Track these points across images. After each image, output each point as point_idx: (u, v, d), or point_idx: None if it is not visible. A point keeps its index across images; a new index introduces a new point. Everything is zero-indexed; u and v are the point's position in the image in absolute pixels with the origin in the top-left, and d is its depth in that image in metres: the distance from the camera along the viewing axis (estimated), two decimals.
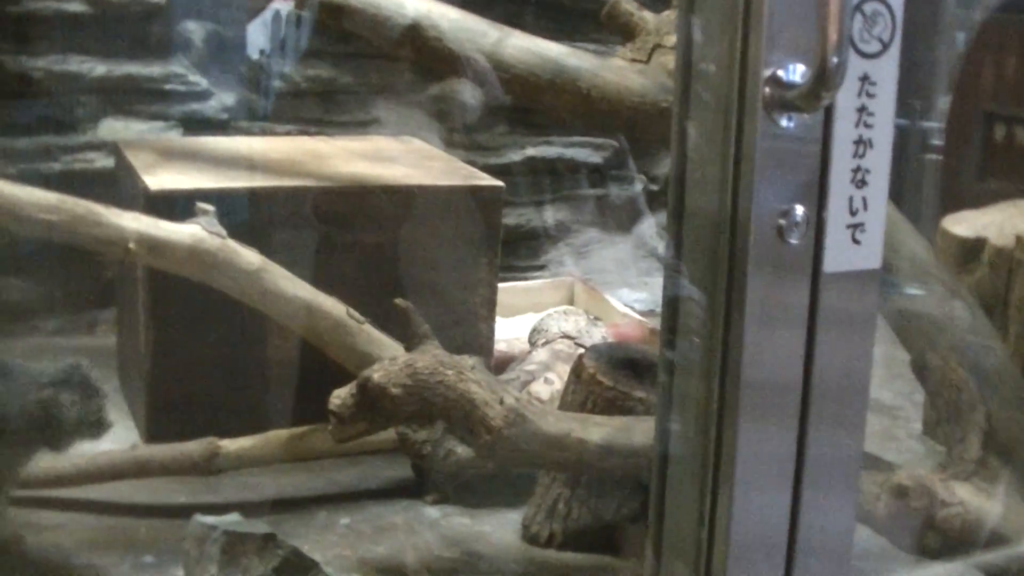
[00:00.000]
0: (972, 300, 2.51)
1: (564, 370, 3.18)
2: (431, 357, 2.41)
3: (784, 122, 1.30)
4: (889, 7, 1.33)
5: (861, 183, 1.37)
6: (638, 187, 4.94)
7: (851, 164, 1.36)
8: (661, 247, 4.86)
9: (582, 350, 3.15)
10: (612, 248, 4.86)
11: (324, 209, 3.09)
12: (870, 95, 1.35)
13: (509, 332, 3.70)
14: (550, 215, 4.73)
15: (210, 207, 2.70)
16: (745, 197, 1.32)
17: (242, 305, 2.77)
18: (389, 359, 2.43)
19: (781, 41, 1.28)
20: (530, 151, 4.69)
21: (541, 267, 4.65)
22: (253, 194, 3.05)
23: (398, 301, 2.50)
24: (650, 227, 4.92)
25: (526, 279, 4.33)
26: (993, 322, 2.81)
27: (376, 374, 2.36)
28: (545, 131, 4.70)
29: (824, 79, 1.23)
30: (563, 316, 3.65)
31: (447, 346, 2.47)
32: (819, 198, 1.35)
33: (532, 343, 3.52)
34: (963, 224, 3.35)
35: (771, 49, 1.28)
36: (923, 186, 4.90)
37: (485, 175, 3.46)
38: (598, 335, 3.50)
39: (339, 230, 3.10)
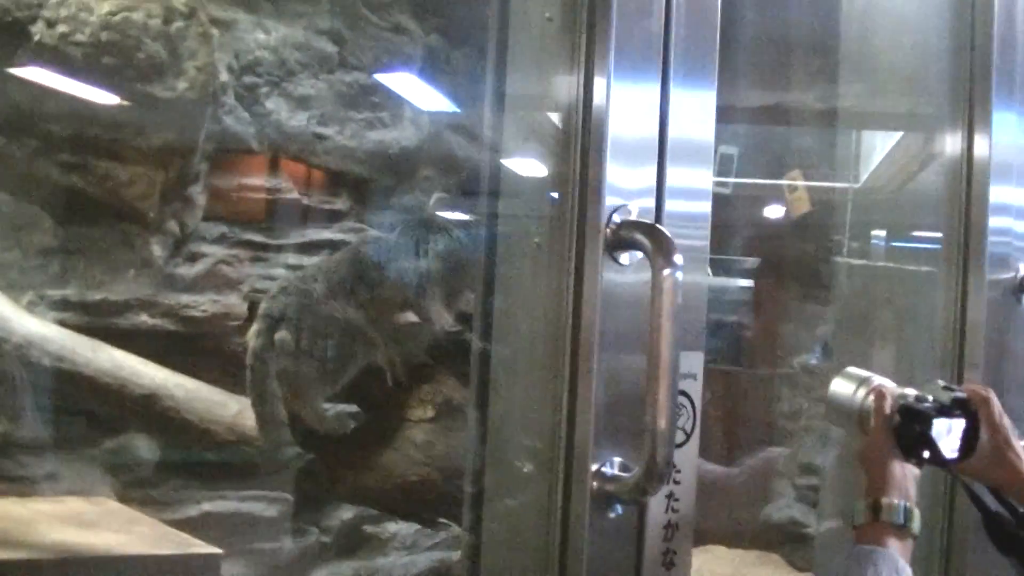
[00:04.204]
0: None
1: None
2: None
3: (611, 515, 1.37)
4: (691, 400, 1.44)
5: (670, 564, 1.44)
6: (311, 539, 4.91)
7: (661, 547, 1.43)
8: None
9: None
10: None
11: None
12: (676, 482, 1.44)
13: None
14: (226, 570, 4.60)
15: None
16: None
17: None
18: None
19: (606, 436, 1.36)
20: (206, 506, 4.58)
21: None
22: None
23: None
24: None
25: None
26: None
27: None
28: (220, 485, 4.63)
29: (653, 475, 1.30)
30: None
31: None
32: None
33: None
34: None
35: (598, 444, 1.35)
36: None
37: (199, 541, 3.36)
38: None
39: None
